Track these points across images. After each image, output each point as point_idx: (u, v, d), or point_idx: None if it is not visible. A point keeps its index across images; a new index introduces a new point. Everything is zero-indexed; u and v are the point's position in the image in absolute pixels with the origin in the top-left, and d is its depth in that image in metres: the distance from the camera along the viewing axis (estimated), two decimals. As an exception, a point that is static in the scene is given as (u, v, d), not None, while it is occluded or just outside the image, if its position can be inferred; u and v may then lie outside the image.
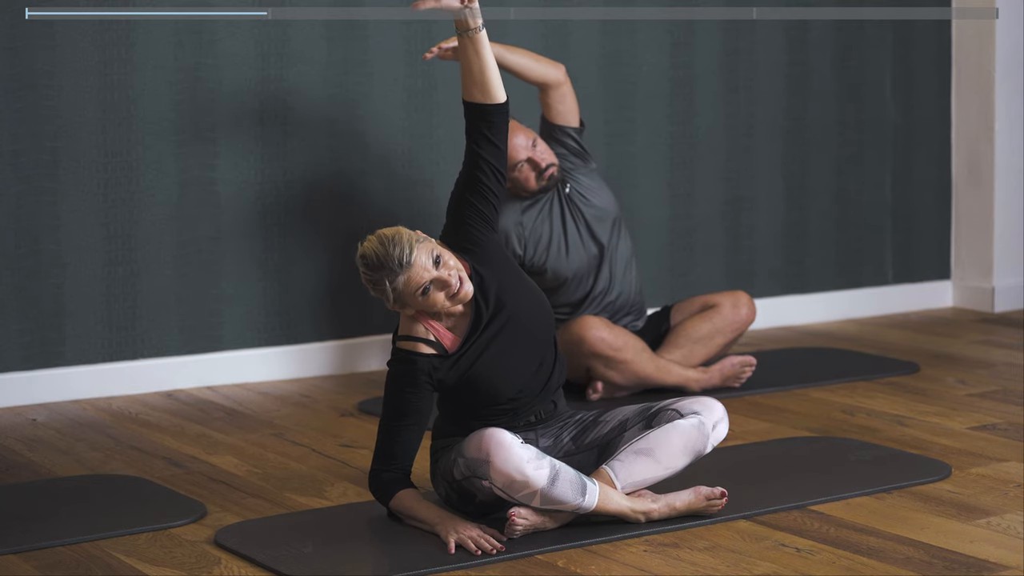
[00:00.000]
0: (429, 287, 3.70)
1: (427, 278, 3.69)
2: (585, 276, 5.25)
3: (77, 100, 5.21)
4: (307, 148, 5.56)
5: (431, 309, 3.74)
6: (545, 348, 3.89)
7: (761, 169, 6.42)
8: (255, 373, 5.54)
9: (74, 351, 5.28)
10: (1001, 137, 6.64)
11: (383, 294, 3.72)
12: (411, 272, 3.68)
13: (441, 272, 3.70)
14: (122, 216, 5.31)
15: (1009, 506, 3.94)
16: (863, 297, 6.67)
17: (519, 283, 3.89)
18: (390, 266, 3.68)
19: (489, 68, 3.87)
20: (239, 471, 4.39)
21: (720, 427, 3.91)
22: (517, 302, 3.85)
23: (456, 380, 3.79)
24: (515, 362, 3.82)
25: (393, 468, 3.78)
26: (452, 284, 3.70)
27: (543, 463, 3.65)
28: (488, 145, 3.88)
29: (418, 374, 3.75)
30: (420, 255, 3.68)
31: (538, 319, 3.88)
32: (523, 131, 5.15)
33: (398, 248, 3.67)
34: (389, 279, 3.69)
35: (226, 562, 3.63)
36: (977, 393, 5.19)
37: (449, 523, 3.68)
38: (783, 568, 3.52)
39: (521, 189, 5.17)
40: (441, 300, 3.72)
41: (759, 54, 6.36)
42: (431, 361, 3.76)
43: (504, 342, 3.81)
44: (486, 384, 3.79)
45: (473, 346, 3.79)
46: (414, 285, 3.69)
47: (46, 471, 4.44)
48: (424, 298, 3.71)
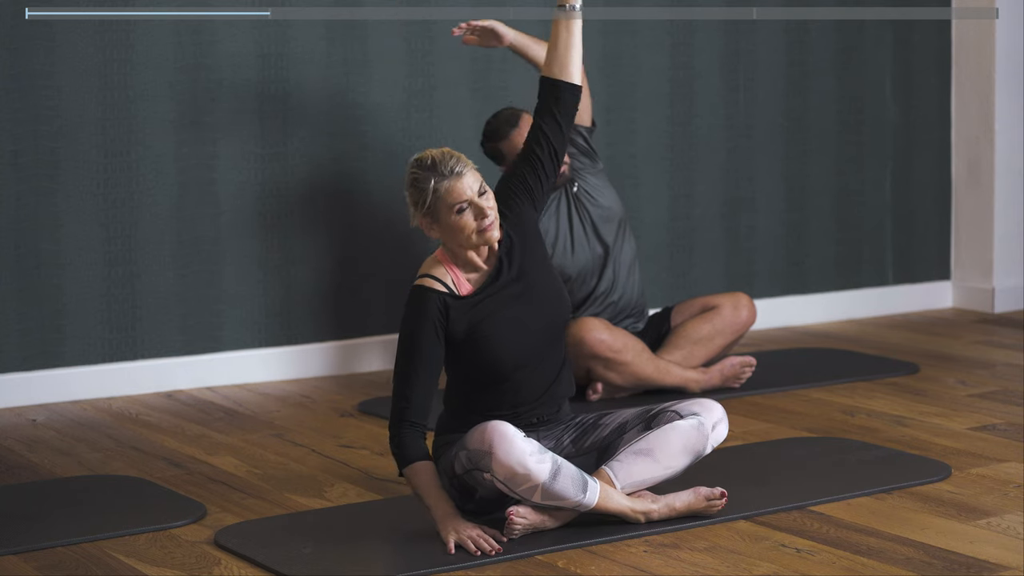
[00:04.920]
0: (465, 207, 3.75)
1: (468, 196, 3.74)
2: (589, 275, 5.26)
3: (77, 100, 5.21)
4: (307, 148, 5.56)
5: (457, 233, 3.77)
6: (555, 335, 3.89)
7: (761, 169, 6.42)
8: (255, 373, 5.54)
9: (74, 351, 5.28)
10: (1001, 137, 6.64)
11: (420, 195, 3.76)
12: (457, 183, 3.74)
13: (482, 201, 3.75)
14: (122, 216, 5.31)
15: (1009, 506, 3.94)
16: (863, 297, 6.67)
17: (544, 263, 3.92)
18: (441, 170, 3.74)
19: (574, 48, 3.98)
20: (239, 471, 4.40)
21: (720, 428, 3.91)
22: (538, 277, 3.88)
23: (464, 333, 3.78)
24: (522, 334, 3.82)
25: (410, 421, 3.76)
26: (487, 216, 3.75)
27: (545, 457, 3.66)
28: (552, 123, 3.96)
29: (429, 309, 3.76)
30: (470, 175, 3.76)
31: (554, 302, 3.89)
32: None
33: (454, 159, 3.75)
34: (435, 180, 3.75)
35: (226, 562, 3.63)
36: (977, 393, 5.19)
37: (450, 521, 3.68)
38: (783, 568, 3.52)
39: None
40: (470, 227, 3.75)
41: (759, 54, 6.36)
42: (444, 299, 3.77)
43: (517, 309, 3.83)
44: (490, 346, 3.79)
45: (487, 300, 3.81)
46: (454, 197, 3.74)
47: (46, 472, 4.44)
48: (457, 217, 3.75)
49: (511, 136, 5.16)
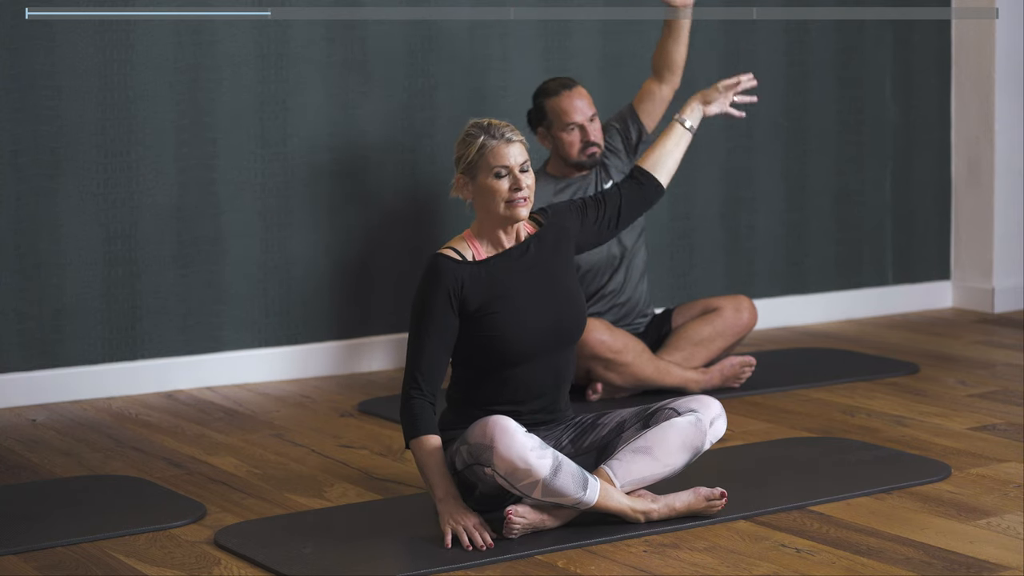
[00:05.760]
0: (504, 173, 3.82)
1: (510, 163, 3.82)
2: (600, 272, 5.27)
3: (77, 100, 5.21)
4: (306, 148, 5.56)
5: (488, 196, 3.82)
6: (563, 338, 3.90)
7: (761, 169, 6.42)
8: (255, 373, 5.54)
9: (74, 351, 5.28)
10: (1001, 137, 6.64)
11: (466, 149, 3.85)
12: (504, 147, 3.83)
13: (521, 175, 3.82)
14: (122, 216, 5.31)
15: (1009, 506, 3.94)
16: (863, 297, 6.67)
17: (568, 268, 3.96)
18: (493, 132, 3.84)
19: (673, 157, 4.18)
20: (239, 471, 4.40)
21: (718, 423, 3.91)
22: (558, 274, 3.91)
23: (477, 305, 3.80)
24: (532, 321, 3.84)
25: (421, 388, 3.79)
26: (521, 189, 3.82)
27: (546, 453, 3.66)
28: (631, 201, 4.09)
29: (445, 277, 3.79)
30: (519, 147, 3.85)
31: (569, 304, 3.91)
32: (588, 99, 5.23)
33: (509, 129, 3.87)
34: (484, 137, 3.84)
35: (226, 562, 3.63)
36: (977, 393, 5.19)
37: (450, 507, 3.70)
38: (783, 568, 3.52)
39: (561, 151, 5.22)
40: (503, 193, 3.82)
41: (759, 54, 6.36)
42: (460, 269, 3.81)
43: (530, 297, 3.85)
44: (498, 324, 3.80)
45: (501, 276, 3.84)
46: (497, 159, 3.82)
47: (46, 471, 4.44)
48: (493, 179, 3.82)
49: (560, 95, 5.20)
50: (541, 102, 5.25)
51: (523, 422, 3.85)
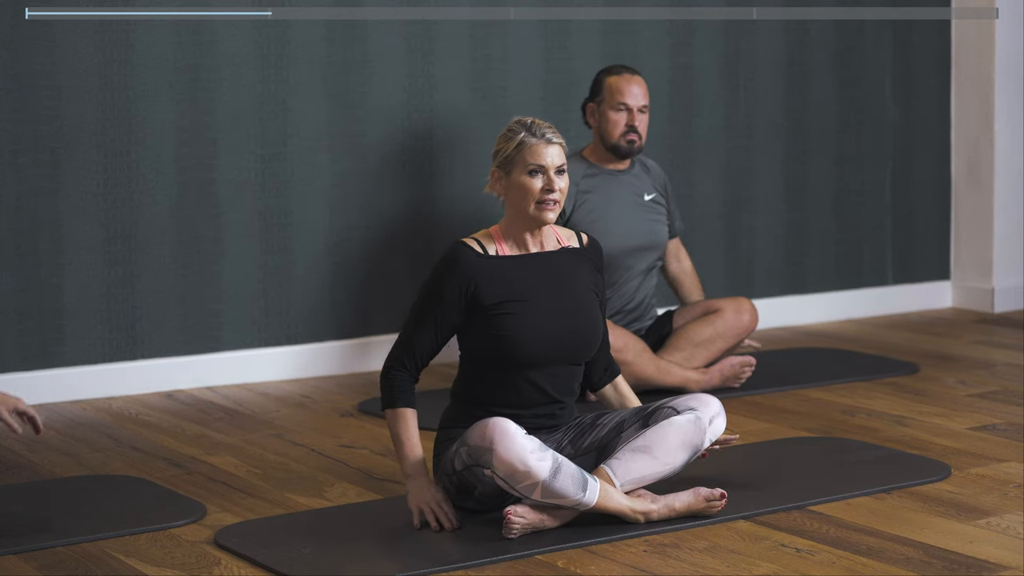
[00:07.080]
0: (539, 171, 3.83)
1: (546, 163, 3.83)
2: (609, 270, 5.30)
3: (77, 100, 5.21)
4: (307, 148, 5.56)
5: (519, 193, 3.84)
6: (573, 351, 3.90)
7: (761, 169, 6.42)
8: (255, 373, 5.54)
9: (74, 351, 5.28)
10: (1001, 137, 6.64)
11: (506, 143, 3.87)
12: (543, 147, 3.84)
13: (556, 177, 3.84)
14: (122, 216, 5.31)
15: (1009, 506, 3.94)
16: (863, 297, 6.67)
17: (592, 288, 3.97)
18: (534, 130, 3.86)
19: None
20: (239, 471, 4.40)
21: (717, 421, 3.92)
22: (580, 288, 3.93)
23: (492, 300, 3.81)
24: (544, 326, 3.84)
25: (406, 365, 3.84)
26: (553, 191, 3.83)
27: (546, 455, 3.66)
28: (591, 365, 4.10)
29: (462, 265, 3.81)
30: (558, 149, 3.87)
31: (585, 318, 3.91)
32: (645, 91, 5.31)
33: (552, 130, 3.88)
34: (525, 134, 3.85)
35: (226, 562, 3.63)
36: (977, 393, 5.19)
37: (416, 483, 3.77)
38: (783, 568, 3.52)
39: (604, 129, 5.27)
40: (534, 191, 3.83)
41: (759, 54, 6.36)
42: (480, 263, 3.83)
43: (547, 303, 3.86)
44: (511, 325, 3.80)
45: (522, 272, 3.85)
46: (534, 156, 3.83)
47: (46, 472, 4.44)
48: (527, 177, 3.83)
49: (622, 75, 5.28)
50: (602, 77, 5.32)
51: (524, 425, 3.85)
